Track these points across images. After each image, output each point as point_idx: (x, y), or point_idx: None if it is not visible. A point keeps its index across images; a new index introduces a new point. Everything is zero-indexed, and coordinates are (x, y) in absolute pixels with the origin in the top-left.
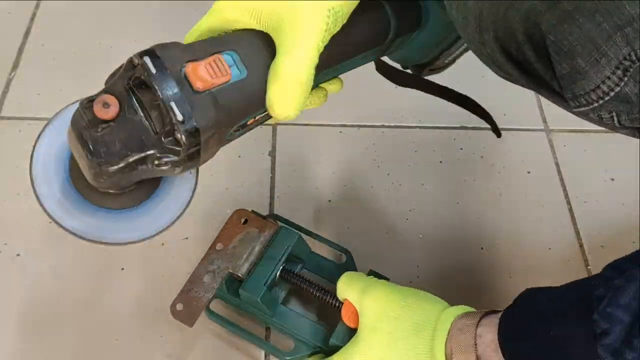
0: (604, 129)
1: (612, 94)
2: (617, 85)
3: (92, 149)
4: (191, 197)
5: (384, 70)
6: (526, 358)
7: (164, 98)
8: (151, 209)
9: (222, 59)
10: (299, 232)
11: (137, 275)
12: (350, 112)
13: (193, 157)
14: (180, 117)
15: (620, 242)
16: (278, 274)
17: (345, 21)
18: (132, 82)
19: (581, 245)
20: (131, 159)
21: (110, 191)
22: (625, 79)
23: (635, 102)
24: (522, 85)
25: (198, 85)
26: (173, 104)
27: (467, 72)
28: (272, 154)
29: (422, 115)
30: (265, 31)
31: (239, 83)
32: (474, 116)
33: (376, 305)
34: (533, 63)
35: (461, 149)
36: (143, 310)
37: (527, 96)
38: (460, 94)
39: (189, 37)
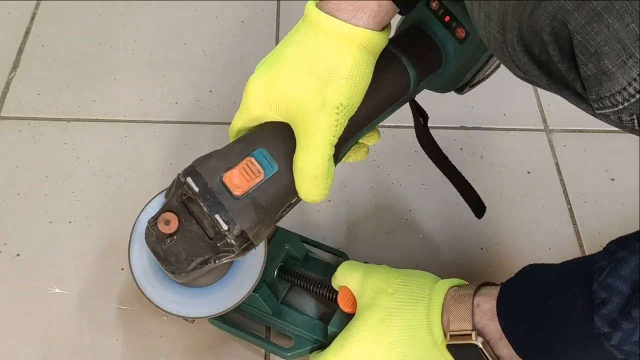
0: (604, 129)
1: (638, 96)
2: None
3: (164, 260)
4: (260, 272)
5: (424, 142)
6: (522, 326)
7: (209, 213)
8: (225, 286)
9: (254, 160)
10: (295, 233)
11: None
12: None
13: (247, 248)
14: (225, 227)
15: None
16: (276, 272)
17: (355, 109)
18: (184, 197)
19: (581, 246)
20: (195, 263)
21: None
22: None
23: None
24: (542, 86)
25: (237, 192)
26: (217, 217)
27: None
28: None
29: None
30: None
31: (272, 178)
32: (474, 116)
33: (375, 285)
34: (557, 63)
35: (461, 149)
36: (143, 310)
37: (527, 96)
38: (466, 182)
39: (230, 132)
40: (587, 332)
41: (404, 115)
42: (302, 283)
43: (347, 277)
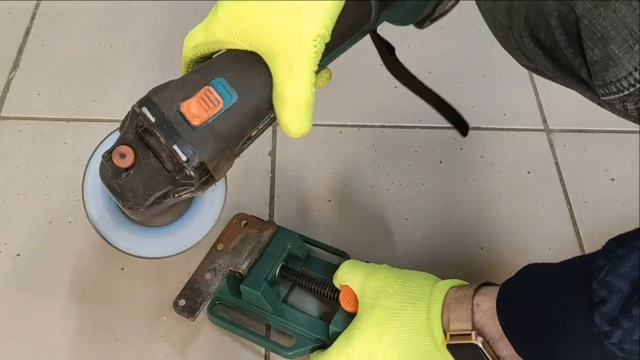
0: (604, 129)
1: None
2: None
3: (121, 195)
4: (222, 209)
5: (393, 68)
6: (522, 325)
7: (166, 143)
8: (185, 225)
9: (212, 90)
10: (297, 233)
11: (137, 276)
12: (350, 112)
13: (207, 181)
14: (184, 158)
15: None
16: (278, 271)
17: (330, 36)
18: (140, 129)
19: (581, 246)
20: (154, 197)
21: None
22: None
23: None
24: (547, 74)
25: (195, 122)
26: (175, 147)
27: (467, 72)
28: (272, 154)
29: (422, 115)
30: (256, 52)
31: (232, 108)
32: (474, 116)
33: (377, 285)
34: (563, 49)
35: (461, 149)
36: (143, 310)
37: (527, 96)
38: (445, 103)
39: (186, 44)
40: (587, 330)
41: (404, 115)
42: (304, 282)
43: (348, 276)
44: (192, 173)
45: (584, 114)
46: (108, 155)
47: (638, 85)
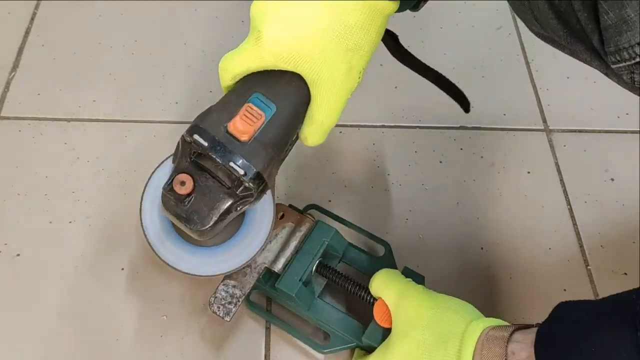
0: (604, 129)
1: None
2: None
3: (187, 219)
4: (272, 226)
5: (400, 56)
6: None
7: (223, 162)
8: (237, 245)
9: (252, 106)
10: (336, 225)
11: (137, 276)
12: (350, 112)
13: (263, 189)
14: (242, 172)
15: (620, 242)
16: (314, 268)
17: None
18: (193, 156)
19: (581, 246)
20: (218, 214)
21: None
22: None
23: None
24: (557, 40)
25: (243, 138)
26: (232, 164)
27: (467, 72)
28: None
29: (422, 115)
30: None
31: (273, 118)
32: (474, 116)
33: (409, 312)
34: (577, 12)
35: (461, 149)
36: (143, 311)
37: (527, 96)
38: (450, 83)
39: (227, 75)
40: None
41: (404, 115)
42: (340, 282)
43: (383, 290)
44: (250, 185)
45: (584, 114)
46: (168, 187)
47: None
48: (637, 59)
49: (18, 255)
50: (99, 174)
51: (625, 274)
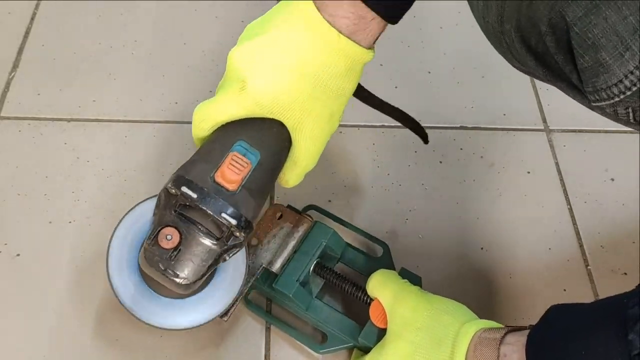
0: (604, 129)
1: (634, 89)
2: None
3: (175, 275)
4: (243, 282)
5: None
6: None
7: (214, 214)
8: (208, 296)
9: (237, 154)
10: (334, 226)
11: None
12: (350, 112)
13: (248, 234)
14: (234, 222)
15: (620, 242)
16: (311, 269)
17: None
18: (178, 208)
19: (581, 245)
20: (207, 266)
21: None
22: None
23: None
24: (539, 77)
25: (232, 187)
26: (224, 215)
27: (467, 72)
28: None
29: (422, 115)
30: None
31: (258, 166)
32: (474, 116)
33: (404, 314)
34: (553, 55)
35: (461, 149)
36: None
37: (527, 96)
38: (406, 115)
39: (204, 125)
40: None
41: None
42: (337, 282)
43: (379, 291)
44: (241, 234)
45: (584, 114)
46: (152, 241)
47: (628, 93)
48: (615, 99)
49: (18, 255)
50: (99, 174)
51: (625, 274)
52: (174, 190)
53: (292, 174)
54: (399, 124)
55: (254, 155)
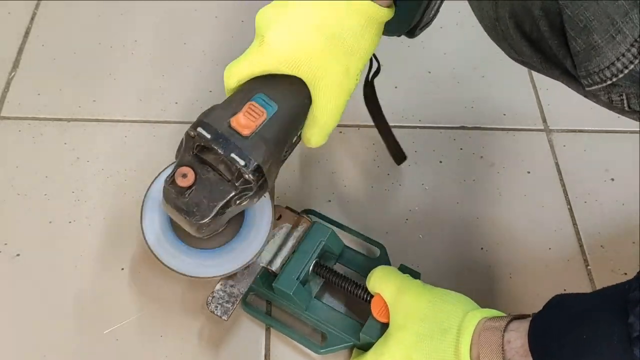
0: (604, 129)
1: (625, 71)
2: (631, 62)
3: (187, 212)
4: (270, 229)
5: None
6: None
7: (224, 153)
8: (237, 246)
9: (255, 104)
10: (332, 228)
11: (137, 276)
12: (350, 112)
13: (262, 186)
14: (242, 163)
15: (620, 242)
16: (311, 268)
17: None
18: (196, 149)
19: (581, 245)
20: (218, 207)
21: (201, 236)
22: None
23: None
24: (534, 66)
25: (245, 132)
26: (233, 155)
27: (467, 72)
28: None
29: (422, 115)
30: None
31: (274, 117)
32: (474, 116)
33: (407, 305)
34: (547, 40)
35: (461, 149)
36: (143, 311)
37: (527, 96)
38: (391, 134)
39: (231, 80)
40: None
41: (404, 115)
42: (337, 281)
43: (381, 286)
44: (250, 177)
45: (584, 114)
46: (170, 179)
47: (620, 75)
48: (608, 82)
49: (18, 255)
50: (99, 174)
51: (625, 273)
52: (192, 133)
53: (313, 132)
54: (399, 124)
55: (271, 106)
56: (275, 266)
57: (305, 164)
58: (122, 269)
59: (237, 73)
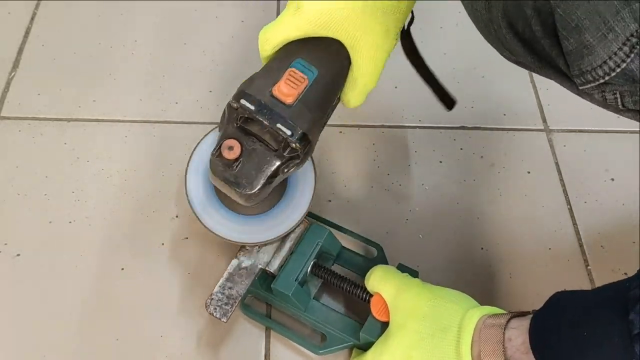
0: (604, 129)
1: (618, 70)
2: (624, 61)
3: (236, 183)
4: (313, 195)
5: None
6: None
7: (270, 124)
8: (282, 211)
9: (295, 70)
10: (329, 228)
11: (137, 276)
12: (350, 112)
13: (308, 152)
14: (289, 132)
15: (620, 242)
16: (309, 269)
17: None
18: (240, 121)
19: (581, 245)
20: (266, 177)
21: (250, 204)
22: (632, 55)
23: None
24: (528, 66)
25: (288, 100)
26: (279, 125)
27: (467, 72)
28: None
29: (422, 115)
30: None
31: (315, 81)
32: (474, 116)
33: (407, 304)
34: (540, 39)
35: (461, 149)
36: (142, 311)
37: (527, 96)
38: (438, 82)
39: (266, 45)
40: None
41: (403, 115)
42: (335, 281)
43: (380, 286)
44: (297, 145)
45: (584, 114)
46: (217, 152)
47: (613, 74)
48: (601, 80)
49: (18, 255)
50: (99, 174)
51: (626, 274)
52: (235, 104)
53: (353, 93)
54: (399, 124)
55: (312, 72)
56: (273, 268)
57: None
58: (122, 268)
59: (273, 38)
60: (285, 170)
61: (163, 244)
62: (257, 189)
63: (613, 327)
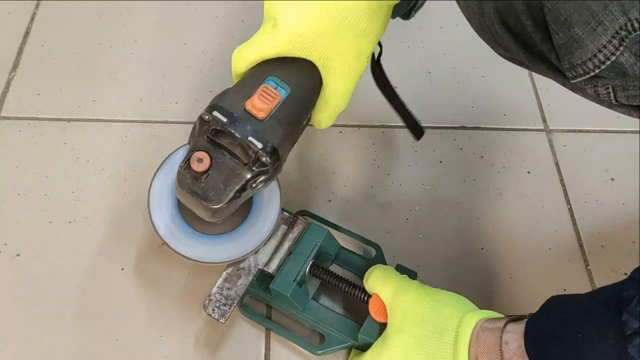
0: (604, 129)
1: (608, 62)
2: (613, 54)
3: (204, 197)
4: (278, 216)
5: (379, 77)
6: None
7: (241, 137)
8: (246, 232)
9: (268, 86)
10: (328, 228)
11: (137, 276)
12: (350, 112)
13: (277, 168)
14: (260, 146)
15: (620, 242)
16: (307, 269)
17: None
18: (210, 134)
19: (581, 245)
20: (234, 191)
21: (214, 221)
22: (622, 48)
23: (631, 75)
24: (522, 62)
25: (260, 115)
26: (251, 138)
27: (467, 72)
28: None
29: (422, 115)
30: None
31: (287, 99)
32: (474, 116)
33: (405, 307)
34: (531, 34)
35: (461, 149)
36: (142, 311)
37: (527, 96)
38: (407, 111)
39: (240, 64)
40: None
41: None
42: (333, 282)
43: (379, 287)
44: (267, 159)
45: (584, 114)
46: (185, 164)
47: (603, 67)
48: (591, 73)
49: (18, 255)
50: (99, 174)
51: (625, 273)
52: (207, 117)
53: (324, 114)
54: (399, 124)
55: (284, 89)
56: (271, 268)
57: (305, 164)
58: (122, 269)
59: (248, 56)
60: (253, 185)
61: (162, 244)
62: (224, 203)
63: (607, 329)
